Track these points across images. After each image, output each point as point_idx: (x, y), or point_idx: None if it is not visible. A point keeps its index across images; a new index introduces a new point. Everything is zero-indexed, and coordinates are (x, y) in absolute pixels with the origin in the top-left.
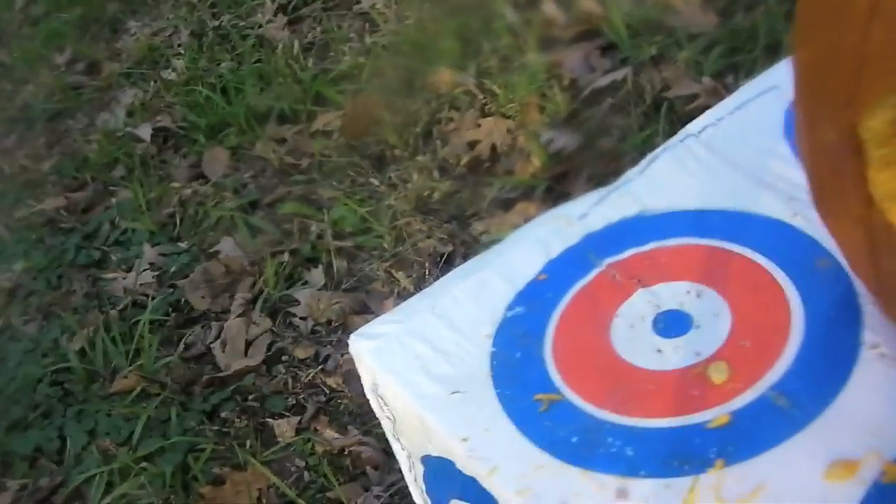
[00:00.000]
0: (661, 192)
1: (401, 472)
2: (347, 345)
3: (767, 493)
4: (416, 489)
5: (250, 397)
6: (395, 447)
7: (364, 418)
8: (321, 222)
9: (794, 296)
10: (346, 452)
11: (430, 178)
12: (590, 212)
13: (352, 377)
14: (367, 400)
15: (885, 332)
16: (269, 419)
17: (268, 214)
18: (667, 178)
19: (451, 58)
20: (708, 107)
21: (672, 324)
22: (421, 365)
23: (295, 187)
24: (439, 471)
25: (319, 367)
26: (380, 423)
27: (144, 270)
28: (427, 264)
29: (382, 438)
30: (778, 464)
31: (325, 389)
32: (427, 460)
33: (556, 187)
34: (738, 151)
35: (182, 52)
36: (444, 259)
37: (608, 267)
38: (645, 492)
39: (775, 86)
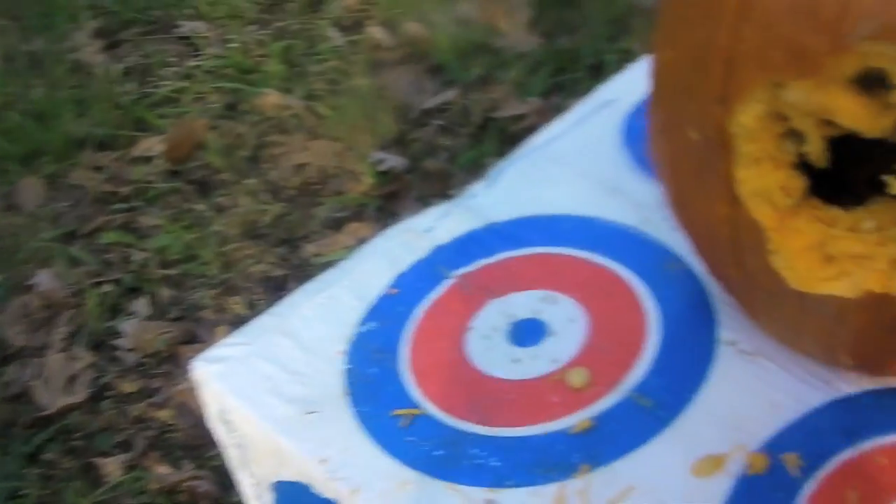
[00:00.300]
0: (509, 204)
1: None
2: (177, 376)
3: (637, 493)
4: None
5: (75, 436)
6: (240, 477)
7: (198, 451)
8: (144, 251)
9: (649, 298)
10: (180, 488)
11: (259, 202)
12: (436, 225)
13: (184, 410)
14: (202, 432)
15: (741, 329)
16: (96, 458)
17: (87, 244)
18: (513, 190)
19: (278, 80)
20: (535, 126)
21: (527, 332)
22: (272, 386)
23: (116, 215)
24: (293, 496)
25: (148, 401)
26: (216, 456)
27: None
28: (258, 289)
29: (218, 471)
30: (645, 464)
31: (156, 424)
32: (279, 486)
33: (387, 206)
34: (583, 162)
35: None
36: (275, 283)
37: (459, 279)
38: (513, 501)
39: (612, 100)
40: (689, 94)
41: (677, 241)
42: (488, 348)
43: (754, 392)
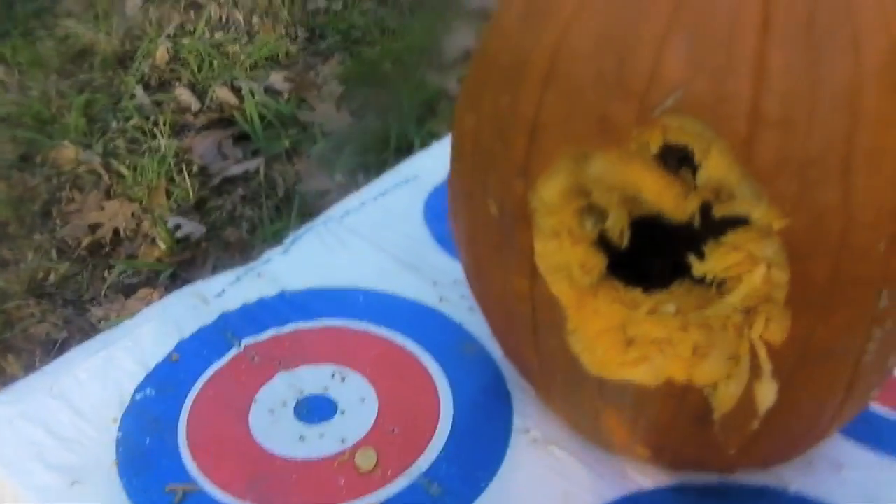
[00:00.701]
0: (304, 273)
1: None
2: None
3: None
4: None
5: None
6: None
7: None
8: None
9: (443, 381)
10: None
11: (47, 259)
12: (227, 290)
13: None
14: None
15: (535, 417)
16: None
17: None
18: (310, 259)
19: (76, 134)
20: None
21: (315, 409)
22: (36, 452)
23: None
24: None
25: None
26: None
27: None
28: (38, 351)
29: None
30: None
31: None
32: None
33: (181, 274)
34: (382, 235)
35: None
36: (57, 346)
37: (246, 348)
38: None
39: (415, 175)
40: (491, 164)
41: (475, 323)
42: (273, 423)
43: (547, 483)
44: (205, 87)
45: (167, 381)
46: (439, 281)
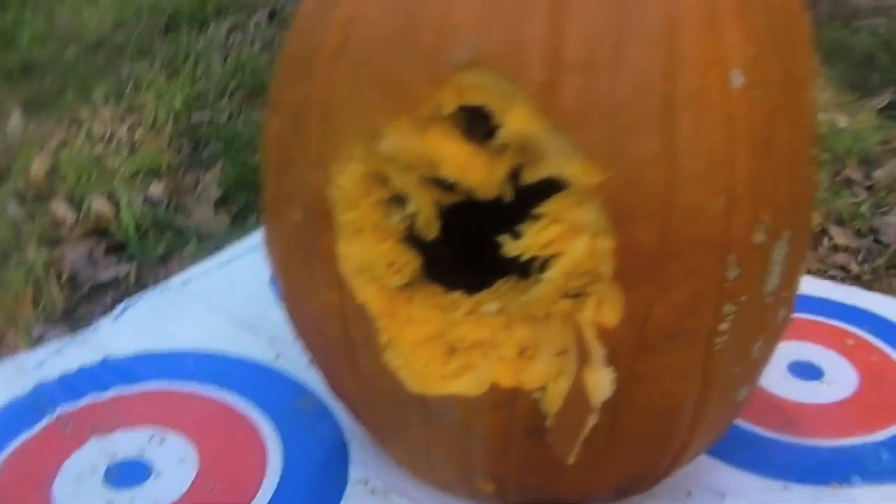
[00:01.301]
0: (131, 338)
1: None
2: None
3: None
4: None
5: None
6: None
7: None
8: None
9: (274, 437)
10: None
11: None
12: (47, 360)
13: None
14: None
15: (374, 467)
16: None
17: None
18: (139, 325)
19: None
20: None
21: (128, 474)
22: None
23: None
24: None
25: None
26: None
27: None
28: None
29: None
30: None
31: None
32: None
33: None
34: (224, 299)
35: None
36: None
37: (59, 417)
38: None
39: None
40: (291, 162)
41: (311, 378)
42: (79, 491)
43: None
44: (82, 199)
45: None
46: (277, 338)
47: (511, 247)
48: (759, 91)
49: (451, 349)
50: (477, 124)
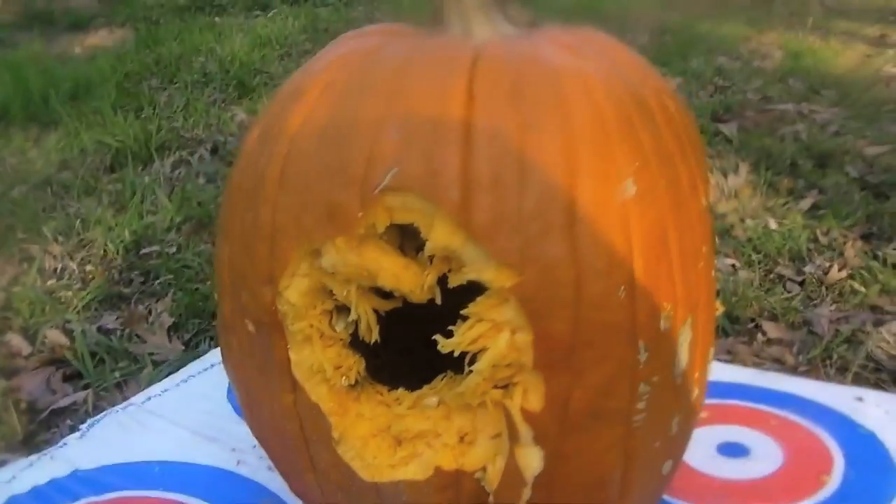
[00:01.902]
0: (99, 452)
1: None
2: None
3: None
4: None
5: None
6: None
7: None
8: None
9: None
10: None
11: None
12: (18, 475)
13: None
14: None
15: None
16: None
17: None
18: (105, 440)
19: None
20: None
21: None
22: None
23: None
24: None
25: None
26: None
27: None
28: None
29: None
30: None
31: None
32: None
33: None
34: (184, 414)
35: None
36: None
37: None
38: None
39: (220, 361)
40: (243, 282)
41: (274, 480)
42: None
43: None
44: (36, 331)
45: None
46: (238, 447)
47: (445, 344)
48: (648, 197)
49: (398, 440)
50: (409, 238)
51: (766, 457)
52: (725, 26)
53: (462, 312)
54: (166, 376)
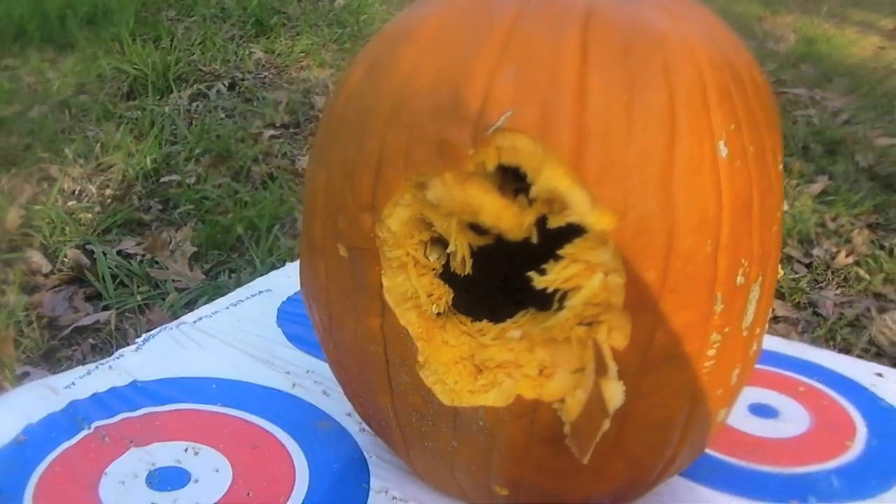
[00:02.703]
0: (156, 365)
1: None
2: None
3: None
4: None
5: None
6: None
7: None
8: None
9: (298, 452)
10: None
11: None
12: (77, 382)
13: None
14: None
15: (394, 480)
16: None
17: None
18: (162, 354)
19: None
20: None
21: (168, 479)
22: None
23: None
24: None
25: None
26: None
27: None
28: None
29: None
30: None
31: None
32: None
33: None
34: (235, 336)
35: None
36: None
37: (97, 429)
38: None
39: (268, 289)
40: (341, 208)
41: (330, 404)
42: (123, 493)
43: None
44: (56, 251)
45: (13, 459)
46: (292, 371)
47: (539, 281)
48: (738, 161)
49: (479, 369)
50: (507, 181)
51: (794, 419)
52: (740, 4)
53: (558, 252)
54: (187, 304)
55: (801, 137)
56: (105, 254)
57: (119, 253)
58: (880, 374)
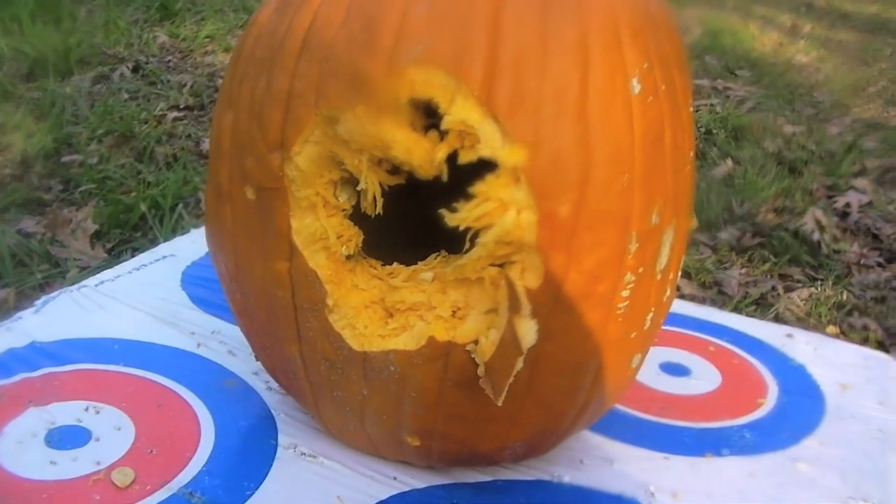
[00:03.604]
0: (56, 327)
1: None
2: None
3: None
4: None
5: None
6: None
7: None
8: None
9: (203, 410)
10: None
11: None
12: None
13: None
14: None
15: (303, 436)
16: None
17: None
18: (62, 316)
19: None
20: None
21: (68, 438)
22: None
23: None
24: None
25: None
26: None
27: None
28: None
29: None
30: None
31: None
32: None
33: None
34: (138, 298)
35: None
36: None
37: None
38: None
39: (172, 254)
40: (249, 148)
41: (235, 363)
42: (21, 452)
43: (317, 488)
44: None
45: None
46: (197, 332)
47: (451, 219)
48: (651, 97)
49: (390, 312)
50: (419, 118)
51: (705, 378)
52: None
53: (469, 190)
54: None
55: (705, 123)
56: (3, 232)
57: (19, 232)
58: (790, 336)
